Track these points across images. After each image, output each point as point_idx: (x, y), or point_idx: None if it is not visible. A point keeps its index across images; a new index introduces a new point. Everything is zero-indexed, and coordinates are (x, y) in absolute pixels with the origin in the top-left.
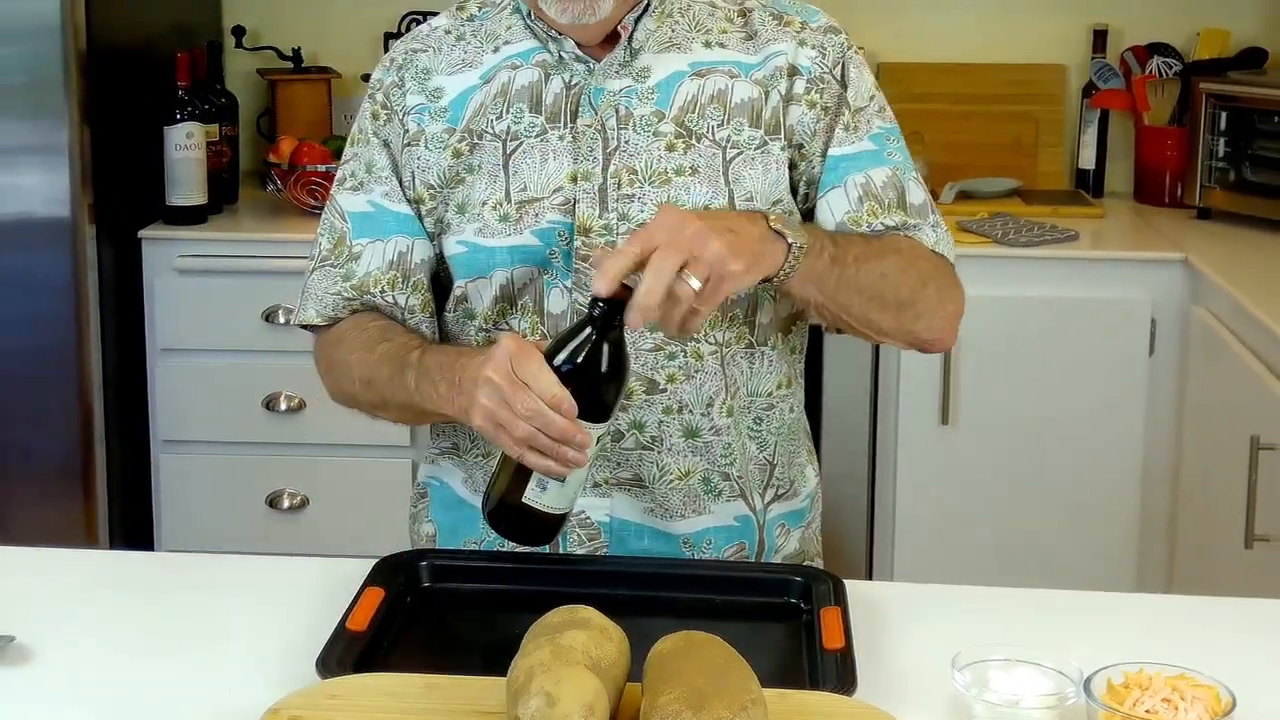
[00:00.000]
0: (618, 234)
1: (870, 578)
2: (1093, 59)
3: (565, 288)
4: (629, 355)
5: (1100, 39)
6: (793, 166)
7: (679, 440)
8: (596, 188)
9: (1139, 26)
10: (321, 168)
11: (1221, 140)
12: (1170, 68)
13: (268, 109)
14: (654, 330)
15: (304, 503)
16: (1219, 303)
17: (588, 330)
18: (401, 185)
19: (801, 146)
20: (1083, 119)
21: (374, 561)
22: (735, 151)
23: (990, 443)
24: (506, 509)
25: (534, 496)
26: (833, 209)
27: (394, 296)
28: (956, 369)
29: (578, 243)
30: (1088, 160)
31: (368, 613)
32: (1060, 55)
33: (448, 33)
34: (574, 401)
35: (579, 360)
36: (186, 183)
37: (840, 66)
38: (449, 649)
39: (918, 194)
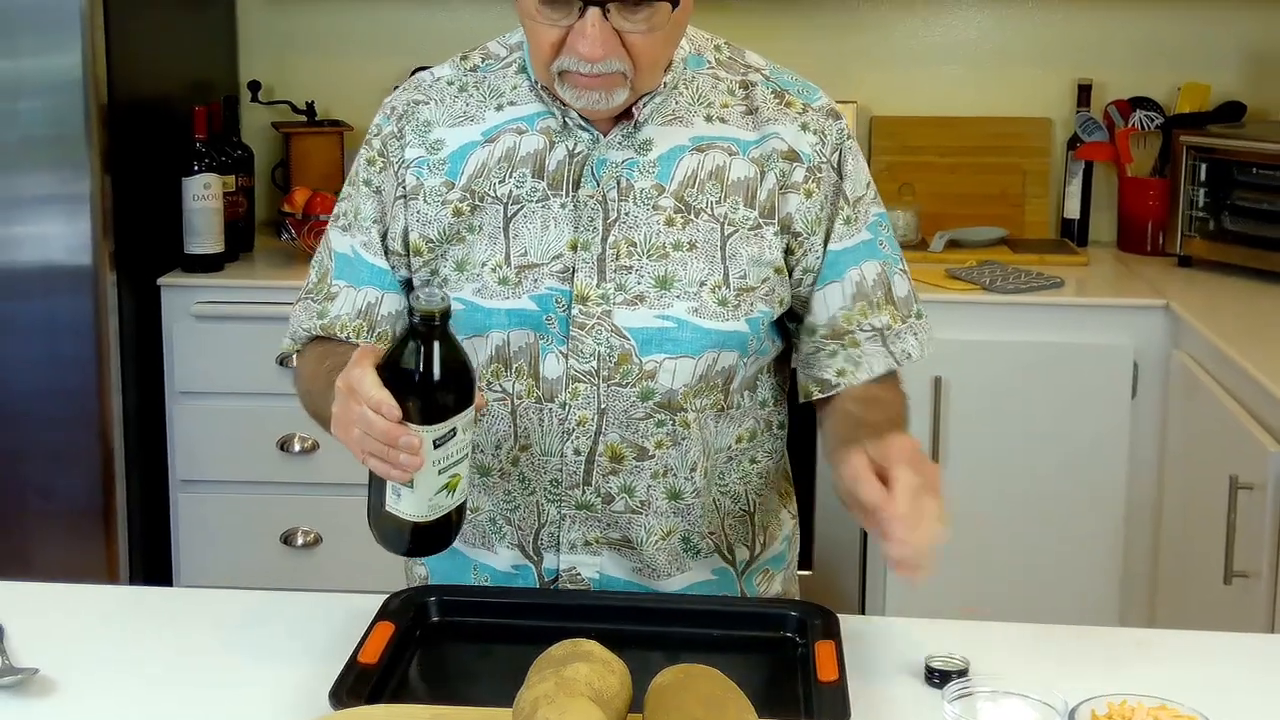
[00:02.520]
0: (614, 303)
1: (863, 612)
2: (1077, 112)
3: (561, 353)
4: (461, 359)
5: (1084, 93)
6: (789, 251)
7: (664, 503)
8: (595, 257)
9: (1122, 81)
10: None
11: (1201, 191)
12: (1152, 121)
13: (282, 161)
14: (645, 399)
15: (317, 540)
16: (1199, 347)
17: (410, 336)
18: (384, 238)
19: (799, 235)
20: (1068, 170)
21: (384, 597)
22: (732, 229)
23: (979, 481)
24: (376, 518)
25: (393, 504)
26: (828, 303)
27: (359, 342)
28: (946, 410)
29: (575, 310)
30: (1073, 210)
31: (379, 646)
32: (1046, 109)
33: (450, 83)
34: (393, 404)
35: (402, 364)
36: (204, 232)
37: (838, 154)
38: (457, 680)
39: (903, 286)
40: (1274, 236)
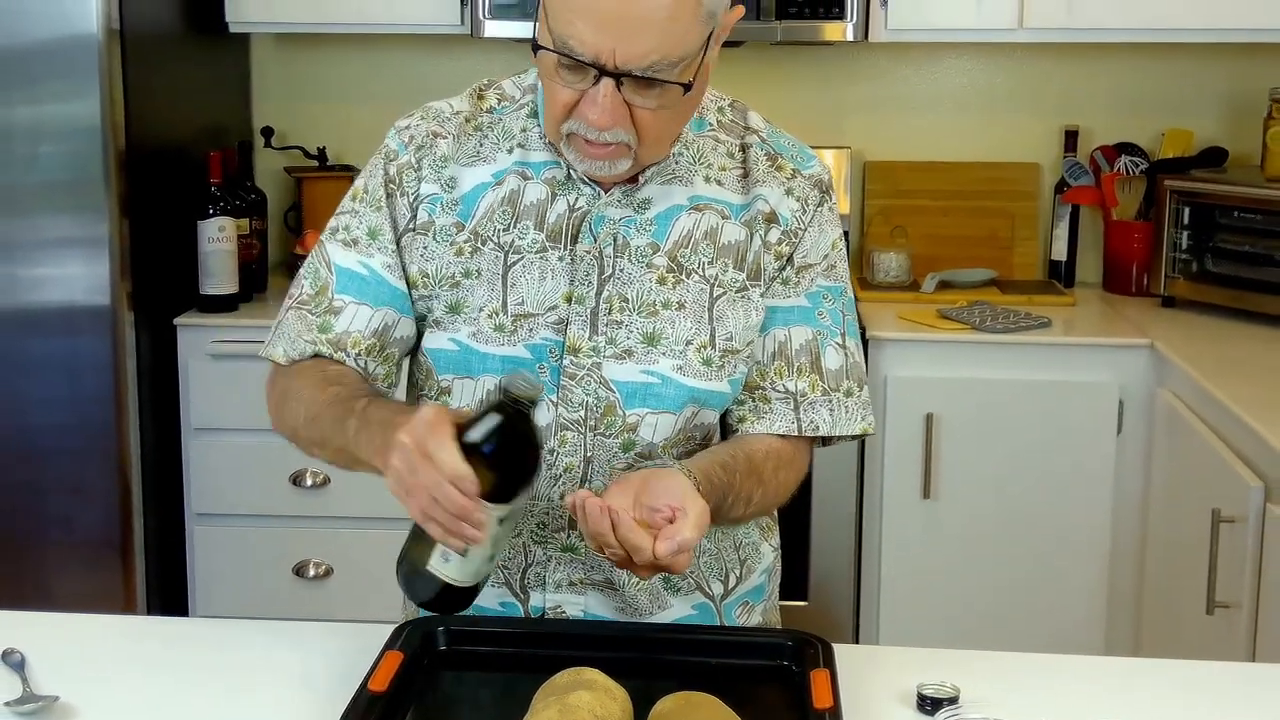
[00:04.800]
0: (604, 356)
1: (857, 641)
2: (1064, 158)
3: (551, 401)
4: (539, 444)
5: (1071, 139)
6: None
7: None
8: (589, 311)
9: (1107, 127)
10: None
11: (1185, 234)
12: (1137, 166)
13: (294, 204)
14: (626, 450)
15: (328, 572)
16: (1182, 385)
17: (500, 414)
18: (403, 264)
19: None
20: (1055, 213)
21: (393, 627)
22: (720, 291)
23: (969, 515)
24: (415, 574)
25: (438, 566)
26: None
27: (365, 362)
28: (937, 446)
29: (566, 361)
30: (1060, 252)
31: (388, 674)
32: (1034, 154)
33: (467, 120)
34: (475, 480)
35: (486, 442)
36: (219, 273)
37: (811, 219)
38: (463, 707)
39: (834, 359)
40: (1255, 278)
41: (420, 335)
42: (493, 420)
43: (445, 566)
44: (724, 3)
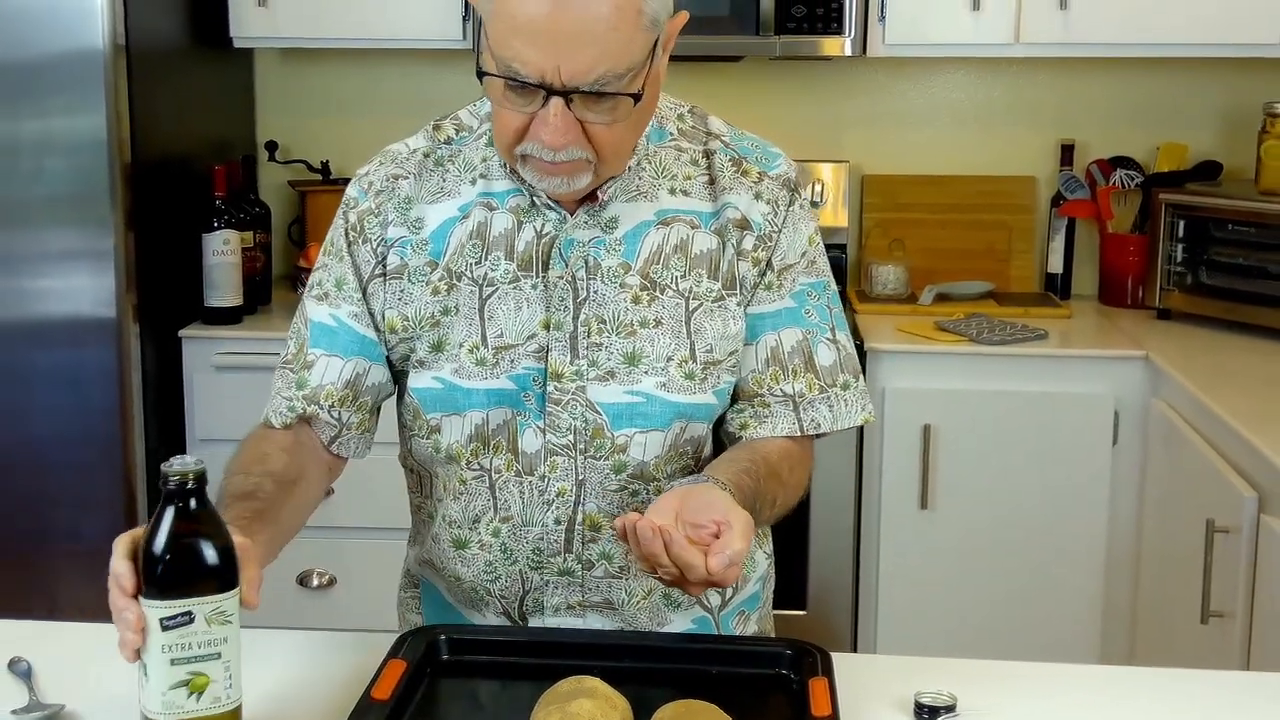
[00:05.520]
0: (587, 379)
1: (855, 650)
2: (1061, 171)
3: (539, 428)
4: (209, 538)
5: (1068, 153)
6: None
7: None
8: (568, 335)
9: (1103, 141)
10: None
11: (1180, 246)
12: (1132, 179)
13: (298, 217)
14: (619, 472)
15: (331, 581)
16: (1177, 396)
17: (165, 504)
18: (370, 311)
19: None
20: (1051, 227)
21: (396, 636)
22: (696, 303)
23: (966, 526)
24: None
25: (139, 692)
26: (742, 366)
27: (339, 413)
28: (935, 458)
29: (550, 387)
30: (1056, 265)
31: (391, 683)
32: (1031, 168)
33: (426, 156)
34: (130, 576)
35: (151, 536)
36: (223, 285)
37: (784, 220)
38: (465, 715)
39: (827, 356)
40: (1249, 290)
41: (399, 378)
42: (158, 512)
43: (141, 693)
44: (667, 9)
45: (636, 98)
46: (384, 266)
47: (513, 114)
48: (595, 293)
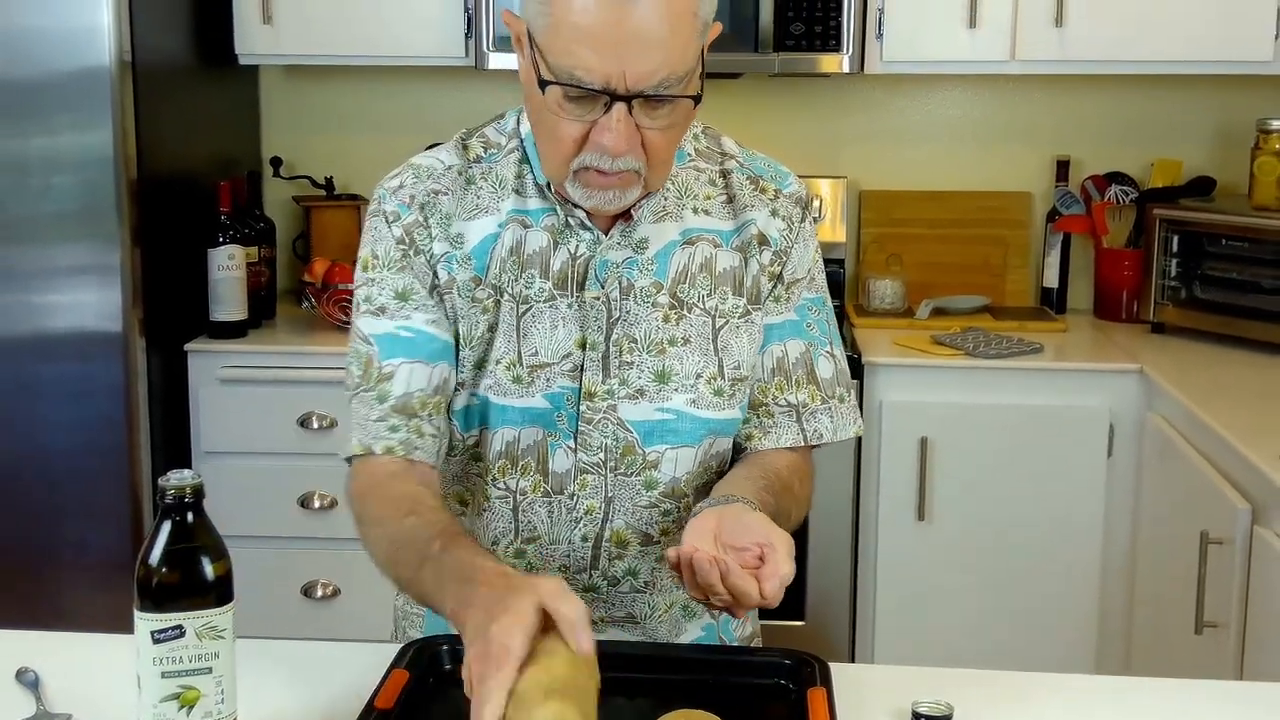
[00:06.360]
0: (618, 398)
1: (853, 660)
2: (1056, 187)
3: (569, 448)
4: (203, 552)
5: (1063, 169)
6: None
7: (668, 581)
8: (601, 355)
9: (1098, 157)
10: (352, 286)
11: (1174, 261)
12: (1127, 195)
13: (302, 232)
14: (650, 489)
15: (336, 592)
16: (1172, 410)
17: (158, 522)
18: (446, 317)
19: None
20: (1047, 242)
21: (400, 646)
22: (722, 321)
23: (963, 538)
24: None
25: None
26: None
27: (437, 422)
28: (931, 470)
29: (583, 406)
30: (1051, 279)
31: (394, 692)
32: (1026, 184)
33: (460, 174)
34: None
35: (147, 549)
36: (228, 300)
37: (797, 236)
38: None
39: (828, 368)
40: (1242, 304)
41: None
42: (155, 526)
43: (137, 704)
44: (712, 12)
45: (697, 99)
46: (436, 280)
47: (571, 123)
48: (628, 312)
